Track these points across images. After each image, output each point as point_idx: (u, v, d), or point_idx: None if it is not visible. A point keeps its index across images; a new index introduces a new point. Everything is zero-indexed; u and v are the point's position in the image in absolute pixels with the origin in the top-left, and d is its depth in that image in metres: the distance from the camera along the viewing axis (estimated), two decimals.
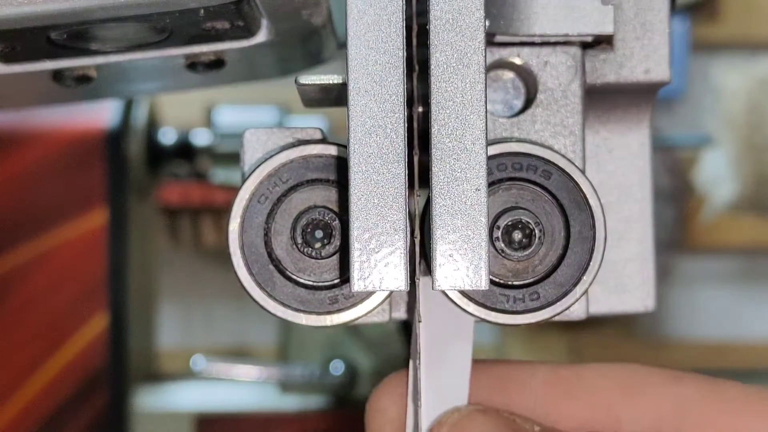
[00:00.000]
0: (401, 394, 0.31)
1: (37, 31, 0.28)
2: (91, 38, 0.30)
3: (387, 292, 0.30)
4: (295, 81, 0.30)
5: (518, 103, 0.32)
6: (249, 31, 0.31)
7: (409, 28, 0.29)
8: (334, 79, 0.30)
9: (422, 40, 0.28)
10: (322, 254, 0.29)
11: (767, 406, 0.30)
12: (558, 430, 0.30)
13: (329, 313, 0.30)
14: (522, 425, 0.30)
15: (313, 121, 0.83)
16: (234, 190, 0.31)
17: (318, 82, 0.30)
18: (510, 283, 0.30)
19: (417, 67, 0.30)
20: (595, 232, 0.30)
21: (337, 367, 0.84)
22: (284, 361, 0.87)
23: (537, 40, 0.31)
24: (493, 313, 0.30)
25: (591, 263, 0.30)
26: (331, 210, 0.30)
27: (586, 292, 0.30)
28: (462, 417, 0.30)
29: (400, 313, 0.32)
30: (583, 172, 0.30)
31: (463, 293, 0.30)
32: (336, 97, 0.31)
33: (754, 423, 0.30)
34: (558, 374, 0.31)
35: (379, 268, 0.28)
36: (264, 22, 0.31)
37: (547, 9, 0.31)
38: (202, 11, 0.28)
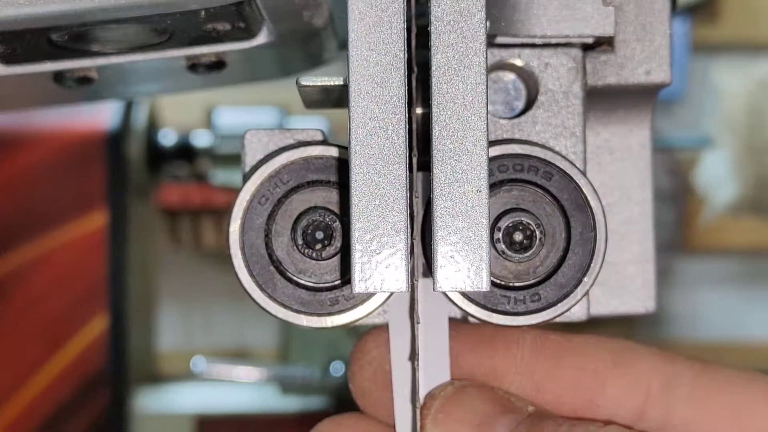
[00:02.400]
0: (383, 339, 0.31)
1: (38, 32, 0.28)
2: (92, 40, 0.30)
3: (387, 294, 0.30)
4: (296, 82, 0.30)
5: (519, 105, 0.32)
6: (250, 33, 0.31)
7: (409, 30, 0.29)
8: (335, 80, 0.30)
9: (422, 41, 0.28)
10: (323, 255, 0.29)
11: (756, 389, 0.30)
12: (552, 413, 0.30)
13: (330, 314, 0.30)
14: (515, 404, 0.30)
15: (313, 123, 0.83)
16: (234, 192, 0.31)
17: (319, 84, 0.30)
18: (511, 284, 0.30)
19: (416, 69, 0.30)
20: (596, 234, 0.30)
21: (338, 369, 0.84)
22: (284, 362, 0.87)
23: (538, 41, 0.31)
24: (494, 315, 0.30)
25: (592, 265, 0.30)
26: (331, 211, 0.30)
27: (587, 293, 0.30)
28: (456, 390, 0.30)
29: None
30: (584, 173, 0.30)
31: (464, 295, 0.30)
32: (337, 98, 0.31)
33: (743, 404, 0.30)
34: (548, 338, 0.31)
35: (380, 270, 0.28)
36: (265, 24, 0.31)
37: (548, 10, 0.31)
38: (203, 13, 0.28)
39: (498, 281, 0.30)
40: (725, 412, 0.30)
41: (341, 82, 0.30)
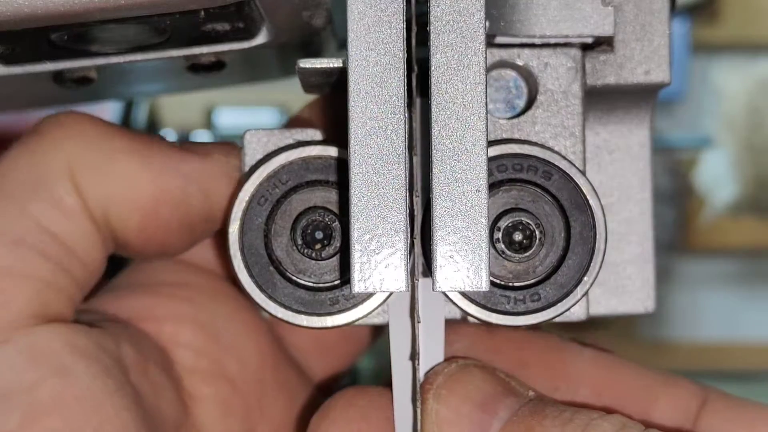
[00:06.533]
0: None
1: (38, 32, 0.28)
2: (92, 40, 0.30)
3: (387, 293, 0.30)
4: (296, 65, 0.30)
5: (520, 103, 0.32)
6: (249, 33, 0.31)
7: (408, 29, 0.29)
8: (334, 62, 0.30)
9: (422, 39, 0.29)
10: (322, 255, 0.29)
11: None
12: (553, 399, 0.30)
13: (330, 314, 0.30)
14: (517, 387, 0.30)
15: None
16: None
17: (318, 66, 0.30)
18: (511, 284, 0.30)
19: (416, 68, 0.30)
20: (595, 233, 0.30)
21: None
22: None
23: (537, 41, 0.31)
24: (494, 315, 0.30)
25: (592, 264, 0.30)
26: (331, 211, 0.30)
27: (586, 293, 0.30)
28: (459, 368, 0.30)
29: None
30: (583, 173, 0.30)
31: (464, 294, 0.30)
32: (336, 81, 0.31)
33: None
34: (601, 354, 0.33)
35: (380, 270, 0.28)
36: (264, 24, 0.31)
37: (547, 10, 0.31)
38: (202, 13, 0.28)
39: (498, 281, 0.30)
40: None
41: (340, 65, 0.29)
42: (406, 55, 0.28)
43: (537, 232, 0.29)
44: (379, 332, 0.36)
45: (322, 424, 0.31)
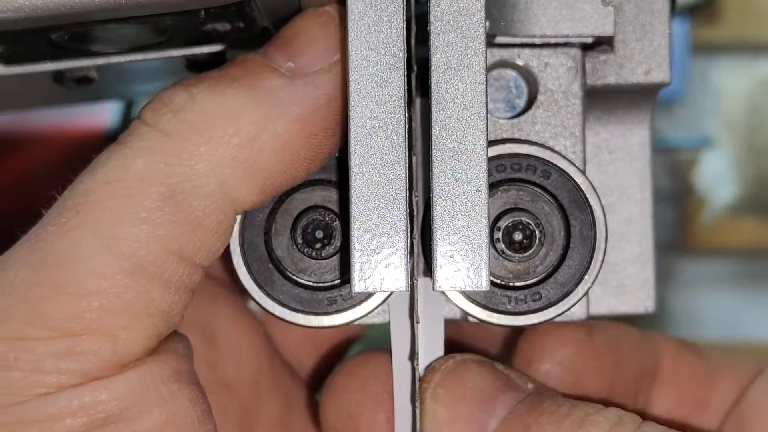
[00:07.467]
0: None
1: (38, 32, 0.28)
2: (92, 40, 0.30)
3: (386, 294, 0.30)
4: None
5: (521, 103, 0.32)
6: (249, 33, 0.31)
7: (408, 29, 0.29)
8: None
9: (422, 39, 0.29)
10: (322, 255, 0.30)
11: None
12: (552, 392, 0.30)
13: (327, 314, 0.30)
14: (515, 381, 0.30)
15: None
16: None
17: None
18: (511, 284, 0.30)
19: (416, 68, 0.30)
20: (596, 232, 0.30)
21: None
22: None
23: (537, 41, 0.31)
24: (495, 315, 0.30)
25: (592, 263, 0.30)
26: (331, 211, 0.30)
27: (588, 291, 0.30)
28: (457, 365, 0.30)
29: None
30: (582, 171, 0.30)
31: (465, 295, 0.30)
32: None
33: None
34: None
35: (380, 269, 0.28)
36: (265, 24, 0.31)
37: (547, 10, 0.31)
38: (202, 13, 0.28)
39: (498, 281, 0.30)
40: None
41: None
42: (406, 55, 0.28)
43: (537, 232, 0.29)
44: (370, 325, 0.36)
45: (327, 392, 0.31)
